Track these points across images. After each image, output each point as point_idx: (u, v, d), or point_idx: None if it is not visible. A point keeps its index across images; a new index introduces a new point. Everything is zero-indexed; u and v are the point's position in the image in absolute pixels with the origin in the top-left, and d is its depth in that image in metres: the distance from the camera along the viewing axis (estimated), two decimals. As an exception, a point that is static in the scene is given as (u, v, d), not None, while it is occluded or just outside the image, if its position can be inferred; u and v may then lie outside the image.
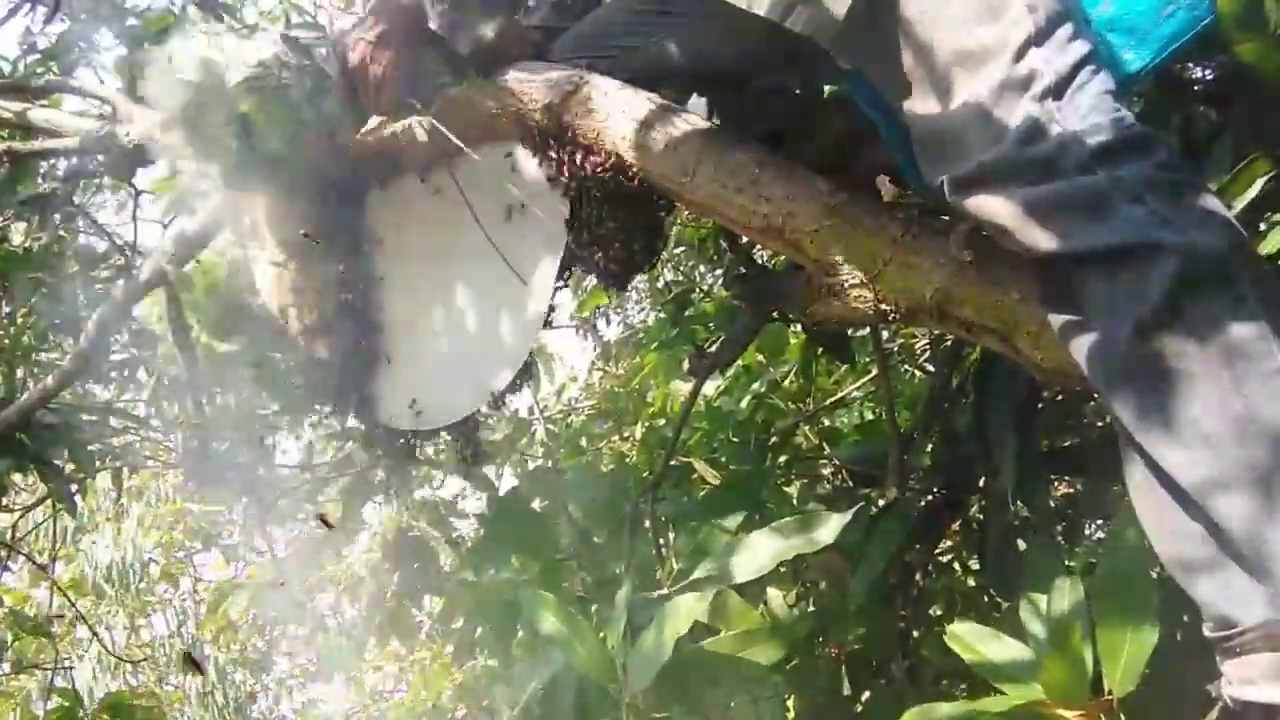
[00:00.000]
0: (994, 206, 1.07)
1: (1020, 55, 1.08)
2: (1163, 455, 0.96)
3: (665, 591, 1.44)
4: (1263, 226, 1.34)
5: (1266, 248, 1.34)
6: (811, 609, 2.06)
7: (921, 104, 1.16)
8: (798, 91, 1.60)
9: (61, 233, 2.67)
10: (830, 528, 1.40)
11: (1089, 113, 1.05)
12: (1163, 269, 0.96)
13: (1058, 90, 1.06)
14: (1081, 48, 1.09)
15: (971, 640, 1.33)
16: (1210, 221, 0.99)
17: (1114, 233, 0.99)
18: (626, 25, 1.47)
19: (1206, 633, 0.97)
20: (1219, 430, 0.92)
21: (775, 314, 1.80)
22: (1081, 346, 1.03)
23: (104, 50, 2.82)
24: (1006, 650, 1.30)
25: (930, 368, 2.69)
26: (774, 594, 2.06)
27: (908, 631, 1.96)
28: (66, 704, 2.60)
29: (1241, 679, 0.93)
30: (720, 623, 1.57)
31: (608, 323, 5.20)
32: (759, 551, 1.42)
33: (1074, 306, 1.03)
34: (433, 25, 1.48)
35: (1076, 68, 1.07)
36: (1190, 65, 1.62)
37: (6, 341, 2.66)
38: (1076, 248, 1.01)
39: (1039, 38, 1.08)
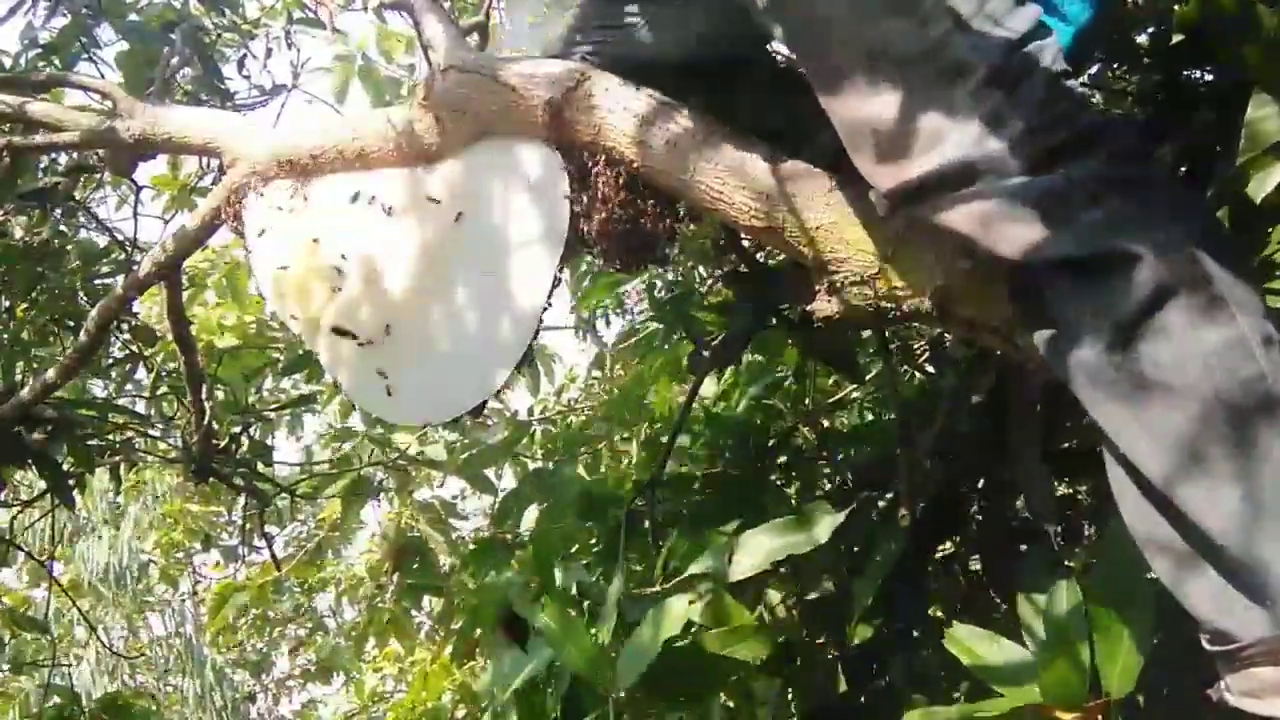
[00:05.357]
0: (949, 217, 1.01)
1: (943, 46, 1.00)
2: (1147, 468, 0.93)
3: (658, 589, 1.43)
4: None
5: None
6: (810, 610, 2.05)
7: (844, 102, 1.07)
8: (798, 89, 1.58)
9: (62, 228, 2.67)
10: (825, 526, 1.40)
11: (1037, 104, 0.98)
12: (1130, 278, 0.92)
13: (996, 79, 0.99)
14: (1012, 28, 1.00)
15: (969, 642, 1.32)
16: (1174, 217, 0.95)
17: (1076, 241, 0.95)
18: (613, 13, 1.43)
19: (1205, 644, 0.95)
20: (1203, 443, 0.89)
21: (774, 319, 1.79)
22: (1057, 357, 0.99)
23: (105, 44, 2.81)
24: (1004, 652, 1.29)
25: (930, 368, 2.68)
26: (774, 595, 2.05)
27: (908, 631, 1.95)
28: (63, 702, 2.60)
29: (1242, 691, 0.91)
30: (715, 622, 1.56)
31: (607, 323, 5.19)
32: (754, 550, 1.41)
33: (1046, 317, 0.99)
34: None
35: (1012, 51, 0.99)
36: (1194, 68, 1.62)
37: (5, 336, 2.66)
38: (1039, 257, 0.97)
39: (960, 24, 0.99)
